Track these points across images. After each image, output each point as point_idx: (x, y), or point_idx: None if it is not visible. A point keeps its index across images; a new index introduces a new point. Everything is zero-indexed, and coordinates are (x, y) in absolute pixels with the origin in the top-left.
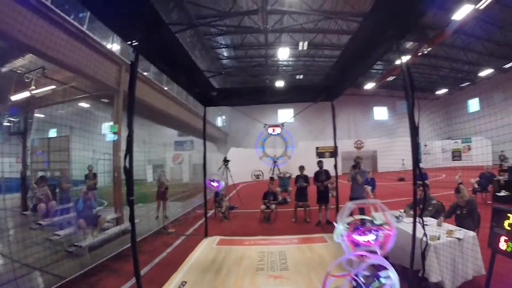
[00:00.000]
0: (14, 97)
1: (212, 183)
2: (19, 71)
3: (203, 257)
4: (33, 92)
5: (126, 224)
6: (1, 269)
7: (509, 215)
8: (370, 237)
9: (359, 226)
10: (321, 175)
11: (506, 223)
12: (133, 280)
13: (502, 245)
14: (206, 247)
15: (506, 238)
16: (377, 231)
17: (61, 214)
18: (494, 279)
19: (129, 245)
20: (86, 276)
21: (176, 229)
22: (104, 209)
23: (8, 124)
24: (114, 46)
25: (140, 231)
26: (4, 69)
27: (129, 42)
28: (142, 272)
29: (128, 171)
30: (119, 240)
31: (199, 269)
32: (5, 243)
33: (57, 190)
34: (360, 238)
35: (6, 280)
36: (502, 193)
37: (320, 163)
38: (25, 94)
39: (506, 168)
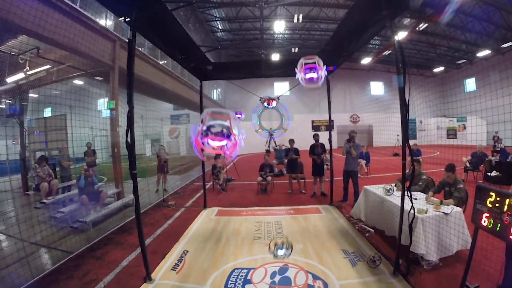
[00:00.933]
0: (10, 79)
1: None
2: (12, 53)
3: (203, 228)
4: (28, 73)
5: (127, 198)
6: (10, 248)
7: (491, 193)
8: (223, 142)
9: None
10: (317, 148)
11: (488, 201)
12: (138, 251)
13: (484, 221)
14: (205, 218)
15: (488, 215)
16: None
17: (64, 192)
18: (478, 254)
19: (131, 218)
20: (92, 250)
21: (176, 201)
22: (104, 185)
23: (4, 106)
24: (108, 22)
25: (141, 205)
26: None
27: (122, 19)
28: (145, 243)
29: (130, 146)
30: (121, 214)
31: (199, 239)
32: (11, 224)
33: (58, 169)
34: (213, 143)
35: (17, 258)
36: (494, 173)
37: (316, 136)
38: (20, 76)
39: (499, 149)
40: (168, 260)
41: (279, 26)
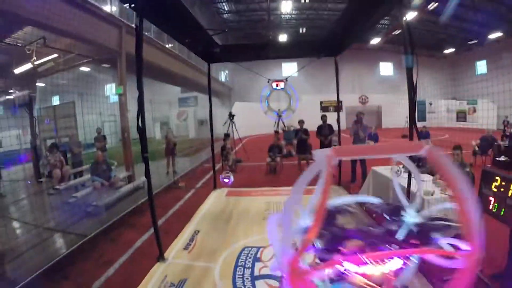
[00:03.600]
0: (17, 70)
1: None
2: (19, 45)
3: (213, 208)
4: (36, 63)
5: (138, 182)
6: (28, 235)
7: (497, 178)
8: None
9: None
10: (324, 129)
11: (493, 185)
12: (150, 232)
13: (489, 206)
14: (216, 199)
15: (493, 199)
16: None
17: (76, 177)
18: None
19: (143, 200)
20: (106, 232)
21: (186, 183)
22: (115, 169)
23: (13, 97)
24: (113, 8)
25: (153, 187)
26: (4, 44)
27: (127, 5)
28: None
29: (142, 130)
30: (133, 197)
31: (210, 219)
32: (27, 210)
33: (69, 155)
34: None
35: (34, 243)
36: (502, 158)
37: (324, 117)
38: (28, 66)
39: (508, 134)
40: (180, 240)
41: (286, 6)
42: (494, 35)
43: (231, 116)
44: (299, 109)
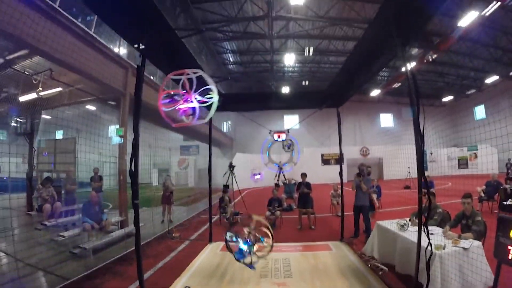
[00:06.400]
0: (22, 98)
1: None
2: (26, 73)
3: (207, 263)
4: (41, 93)
5: (131, 227)
6: (5, 268)
7: None
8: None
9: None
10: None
11: (511, 233)
12: (136, 284)
13: (509, 255)
14: (210, 253)
15: None
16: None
17: (66, 216)
18: None
19: (133, 248)
20: (89, 278)
21: (181, 233)
22: (108, 212)
23: (15, 124)
24: (121, 49)
25: (144, 235)
26: (11, 71)
27: (135, 46)
28: (146, 275)
29: (134, 175)
30: (123, 243)
31: (203, 275)
32: (9, 242)
33: (62, 192)
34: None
35: (10, 279)
36: (509, 202)
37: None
38: (32, 96)
39: None
40: None
41: (289, 59)
42: (491, 79)
43: (231, 167)
44: (300, 162)
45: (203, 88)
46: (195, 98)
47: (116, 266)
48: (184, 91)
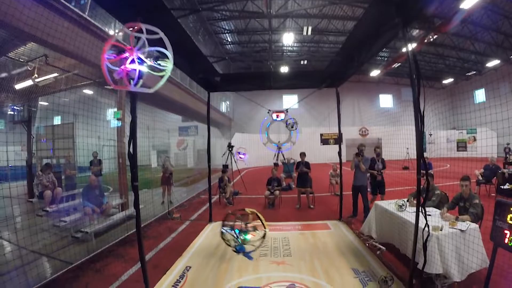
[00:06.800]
0: (18, 86)
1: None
2: (21, 60)
3: (207, 242)
4: (36, 80)
5: (131, 210)
6: (9, 255)
7: None
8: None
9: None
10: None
11: (509, 217)
12: (139, 265)
13: (505, 239)
14: (210, 233)
15: (509, 233)
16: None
17: (67, 201)
18: (495, 273)
19: (134, 230)
20: (92, 261)
21: (181, 214)
22: (109, 195)
23: (12, 113)
24: (117, 32)
25: (145, 217)
26: (6, 59)
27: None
28: (147, 257)
29: (132, 157)
30: (124, 226)
31: (203, 254)
32: (12, 230)
33: (63, 177)
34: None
35: (14, 266)
36: (507, 186)
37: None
38: (28, 83)
39: (511, 161)
40: (169, 276)
41: (288, 39)
42: (492, 63)
43: (230, 147)
44: (299, 141)
45: (153, 49)
46: (138, 59)
47: (118, 248)
48: (129, 47)
